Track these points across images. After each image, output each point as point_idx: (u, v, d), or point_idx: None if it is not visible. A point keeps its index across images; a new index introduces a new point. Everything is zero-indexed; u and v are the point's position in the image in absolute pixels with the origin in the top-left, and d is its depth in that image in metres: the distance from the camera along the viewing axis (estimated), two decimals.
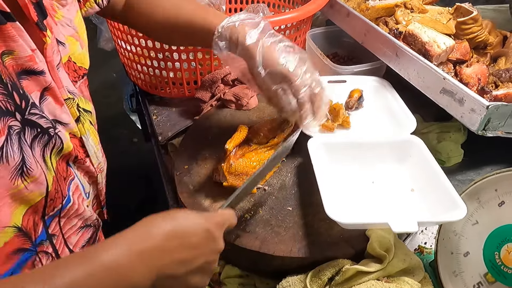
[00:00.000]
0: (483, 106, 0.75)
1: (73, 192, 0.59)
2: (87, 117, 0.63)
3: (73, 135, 0.58)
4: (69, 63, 0.60)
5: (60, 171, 0.55)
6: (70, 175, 0.58)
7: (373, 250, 0.64)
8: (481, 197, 0.62)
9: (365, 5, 1.08)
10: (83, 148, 0.61)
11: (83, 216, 0.62)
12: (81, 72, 0.63)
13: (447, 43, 0.91)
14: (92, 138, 0.63)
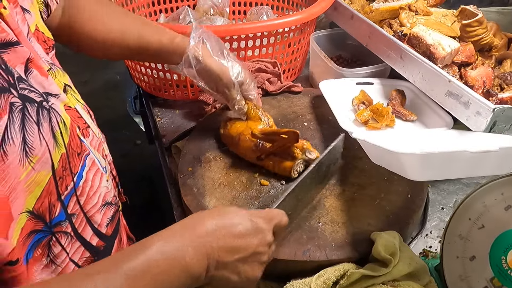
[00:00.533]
0: (489, 109, 0.74)
1: (89, 168, 0.57)
2: (70, 91, 0.59)
3: (68, 106, 0.55)
4: (38, 33, 0.57)
5: (74, 146, 0.53)
6: (85, 150, 0.56)
7: (378, 254, 0.64)
8: (487, 201, 0.61)
9: (369, 7, 1.08)
10: (81, 119, 0.59)
11: (101, 192, 0.60)
12: (50, 43, 0.60)
13: (452, 46, 0.90)
14: (82, 109, 0.60)
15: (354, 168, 0.82)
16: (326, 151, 0.72)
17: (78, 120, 0.57)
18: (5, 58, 0.46)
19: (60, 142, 0.50)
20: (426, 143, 0.76)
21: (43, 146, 0.47)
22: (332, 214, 0.73)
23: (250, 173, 0.82)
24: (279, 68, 1.05)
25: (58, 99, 0.53)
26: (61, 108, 0.53)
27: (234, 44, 0.99)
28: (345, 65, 1.16)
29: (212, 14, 1.23)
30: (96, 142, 0.61)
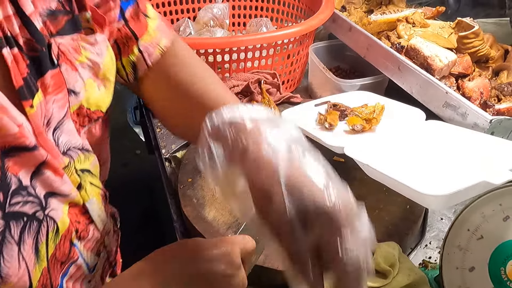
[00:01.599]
0: (486, 120, 0.75)
1: (70, 276, 0.49)
2: (88, 178, 0.50)
3: (73, 204, 0.48)
4: (81, 110, 0.49)
5: (59, 256, 0.46)
6: (73, 257, 0.49)
7: (378, 265, 0.64)
8: (486, 211, 0.62)
9: (367, 19, 1.09)
10: (85, 215, 0.50)
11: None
12: (95, 115, 0.51)
13: (449, 57, 0.91)
14: (96, 199, 0.52)
15: (353, 179, 0.82)
16: None
17: (80, 218, 0.49)
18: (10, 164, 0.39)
19: (43, 255, 0.43)
20: None
21: (22, 269, 0.40)
22: None
23: None
24: (278, 79, 1.06)
25: (64, 199, 0.46)
26: (63, 210, 0.46)
27: (233, 55, 1.00)
28: (344, 76, 1.17)
29: (212, 26, 1.24)
30: (94, 241, 0.52)
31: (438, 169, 0.72)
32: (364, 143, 0.80)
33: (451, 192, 0.60)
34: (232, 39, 1.03)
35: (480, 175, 0.61)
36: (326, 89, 1.07)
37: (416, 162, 0.75)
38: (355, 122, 0.86)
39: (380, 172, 0.68)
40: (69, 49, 0.46)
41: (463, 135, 0.77)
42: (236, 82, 1.02)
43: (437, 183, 0.66)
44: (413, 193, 0.65)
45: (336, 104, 0.94)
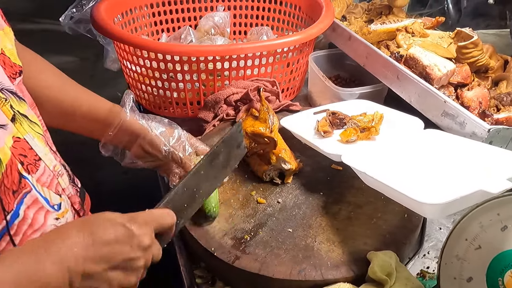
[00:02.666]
0: (485, 129, 0.75)
1: (28, 206, 0.53)
2: (25, 121, 0.56)
3: (17, 137, 0.53)
4: (4, 57, 0.56)
5: (7, 183, 0.50)
6: (24, 188, 0.52)
7: (374, 274, 0.63)
8: (483, 221, 0.61)
9: (367, 29, 1.10)
10: (31, 150, 0.55)
11: (45, 230, 0.55)
12: (17, 69, 0.58)
13: (448, 67, 0.91)
14: (37, 140, 0.57)
15: (350, 187, 0.82)
16: (217, 142, 0.68)
17: (27, 153, 0.54)
18: None
19: None
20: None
21: None
22: (328, 233, 0.72)
23: (247, 191, 0.82)
24: (277, 87, 1.06)
25: (5, 131, 0.50)
26: (6, 141, 0.50)
27: (233, 63, 1.00)
28: (343, 85, 1.17)
29: (213, 34, 1.25)
30: (48, 178, 0.58)
31: (436, 178, 0.72)
32: (362, 151, 0.80)
33: (447, 201, 0.60)
34: (232, 47, 1.03)
35: (477, 184, 0.60)
36: (326, 97, 1.08)
37: (414, 170, 0.74)
38: (349, 136, 0.86)
39: (377, 180, 0.68)
40: None
41: (461, 144, 0.77)
42: (236, 89, 1.03)
43: (434, 192, 0.66)
44: (410, 202, 0.65)
45: (335, 112, 0.94)
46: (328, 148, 0.81)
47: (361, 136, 0.86)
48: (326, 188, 0.82)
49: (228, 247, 0.70)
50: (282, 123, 0.93)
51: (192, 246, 0.76)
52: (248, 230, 0.73)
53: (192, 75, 1.00)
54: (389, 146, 0.82)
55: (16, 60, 0.59)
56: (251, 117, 0.95)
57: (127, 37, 0.99)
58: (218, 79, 1.03)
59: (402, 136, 0.84)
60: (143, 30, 1.25)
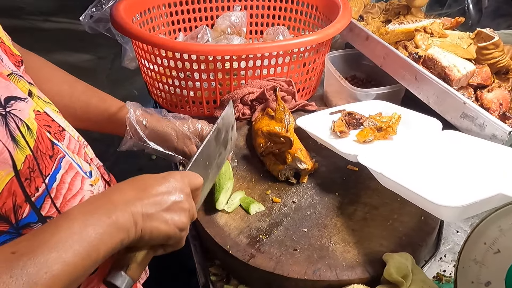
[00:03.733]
0: (505, 131, 0.73)
1: (66, 171, 0.56)
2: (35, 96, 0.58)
3: (37, 111, 0.55)
4: (4, 46, 0.58)
5: (42, 149, 0.53)
6: (58, 153, 0.55)
7: (390, 276, 0.63)
8: (503, 224, 0.60)
9: (385, 29, 1.09)
10: (54, 122, 0.58)
11: (84, 196, 0.58)
12: (18, 58, 0.61)
13: (468, 68, 0.90)
14: (56, 114, 0.60)
15: (366, 188, 0.82)
16: (220, 119, 0.74)
17: (51, 124, 0.57)
18: None
19: (23, 145, 0.49)
20: None
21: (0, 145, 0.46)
22: (344, 234, 0.72)
23: (262, 190, 0.82)
24: (293, 87, 1.06)
25: (27, 104, 0.53)
26: (30, 113, 0.53)
27: (250, 62, 1.01)
28: (360, 85, 1.16)
29: (229, 34, 1.26)
30: (76, 146, 0.61)
31: (454, 180, 0.71)
32: (378, 152, 0.79)
33: (466, 204, 0.59)
34: (249, 47, 1.04)
35: (497, 187, 0.59)
36: (342, 97, 1.07)
37: (431, 172, 0.73)
38: (366, 136, 0.85)
39: (393, 181, 0.68)
40: None
41: (480, 146, 0.76)
42: (252, 89, 1.03)
43: (452, 194, 0.65)
44: (427, 204, 0.64)
45: (351, 112, 0.93)
46: (344, 148, 0.81)
47: (378, 136, 0.86)
48: (341, 188, 0.82)
49: (244, 246, 0.70)
50: (298, 123, 0.93)
51: (207, 244, 0.76)
52: (263, 229, 0.73)
53: (208, 74, 1.01)
54: (406, 147, 0.81)
55: (15, 51, 0.61)
56: (267, 117, 0.96)
57: (145, 36, 1.00)
58: (234, 78, 1.03)
59: (419, 137, 0.83)
60: (161, 29, 1.27)
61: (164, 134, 0.78)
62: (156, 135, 0.78)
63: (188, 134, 0.79)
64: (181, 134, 0.79)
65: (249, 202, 0.78)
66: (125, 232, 0.49)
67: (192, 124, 0.80)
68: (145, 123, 0.77)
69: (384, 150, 0.81)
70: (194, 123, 0.81)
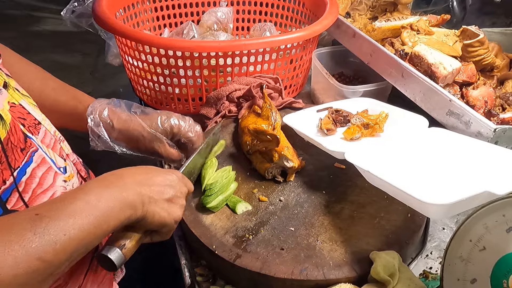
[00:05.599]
0: (490, 129, 0.74)
1: (37, 165, 0.56)
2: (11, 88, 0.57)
3: (12, 103, 0.55)
4: None
5: (14, 141, 0.53)
6: (31, 146, 0.55)
7: (377, 275, 0.63)
8: (488, 222, 0.60)
9: (371, 26, 1.09)
10: (29, 115, 0.58)
11: (56, 191, 0.58)
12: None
13: (454, 65, 0.90)
14: (32, 107, 0.59)
15: (354, 186, 0.81)
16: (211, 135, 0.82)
17: (26, 117, 0.57)
18: None
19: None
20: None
21: None
22: (331, 232, 0.72)
23: (248, 189, 0.81)
24: (280, 84, 1.05)
25: (1, 95, 0.53)
26: (4, 105, 0.53)
27: (236, 59, 0.99)
28: (347, 82, 1.16)
29: (215, 30, 1.24)
30: (51, 140, 0.61)
31: (440, 178, 0.71)
32: (365, 150, 0.79)
33: (452, 202, 0.59)
34: (235, 43, 1.02)
35: (483, 185, 0.59)
36: (329, 95, 1.07)
37: (418, 169, 0.73)
38: (353, 134, 0.85)
39: (380, 179, 0.67)
40: None
41: (466, 143, 0.76)
42: (238, 86, 1.02)
43: (438, 192, 0.65)
44: (414, 201, 0.64)
45: (338, 110, 0.93)
46: (331, 146, 0.80)
47: (365, 133, 0.85)
48: (328, 186, 0.81)
49: (230, 245, 0.69)
50: (285, 121, 0.92)
51: (193, 244, 0.75)
52: (249, 229, 0.72)
53: (194, 71, 1.00)
54: (393, 145, 0.81)
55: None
56: (253, 114, 0.95)
57: (129, 32, 0.98)
58: (220, 75, 1.02)
59: (406, 134, 0.83)
60: (145, 25, 1.24)
61: (131, 135, 0.75)
62: (124, 136, 0.75)
63: (155, 135, 0.75)
64: (148, 134, 0.75)
65: (236, 201, 0.76)
66: (133, 209, 0.53)
67: (162, 121, 0.77)
68: (112, 124, 0.74)
69: (371, 148, 0.81)
70: (164, 120, 0.77)
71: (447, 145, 0.78)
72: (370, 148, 0.80)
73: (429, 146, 0.79)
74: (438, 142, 0.79)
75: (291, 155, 0.82)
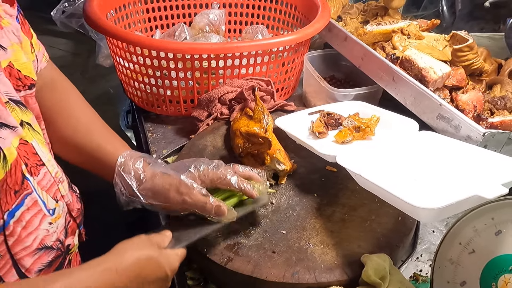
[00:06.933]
0: (479, 133, 0.75)
1: (28, 208, 0.54)
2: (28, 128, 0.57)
3: (24, 140, 0.54)
4: (11, 70, 0.56)
5: (10, 183, 0.51)
6: (26, 189, 0.54)
7: (368, 278, 0.63)
8: (478, 225, 0.61)
9: (363, 29, 1.09)
10: (36, 156, 0.57)
11: (38, 235, 0.56)
12: (28, 82, 0.59)
13: (443, 70, 0.91)
14: (41, 146, 0.58)
15: (345, 189, 0.81)
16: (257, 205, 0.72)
17: (30, 156, 0.55)
18: None
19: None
20: None
21: None
22: (322, 236, 0.72)
23: None
24: (272, 87, 1.05)
25: (14, 132, 0.52)
26: (12, 142, 0.51)
27: (228, 61, 0.99)
28: (338, 85, 1.16)
29: (207, 32, 1.24)
30: (48, 182, 0.59)
31: (430, 181, 0.71)
32: (356, 153, 0.79)
33: (442, 206, 0.59)
34: (227, 45, 1.02)
35: (473, 189, 0.60)
36: (321, 98, 1.07)
37: (409, 173, 0.74)
38: (345, 137, 0.85)
39: (372, 182, 0.68)
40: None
41: (456, 147, 0.77)
42: (230, 88, 1.01)
43: (429, 196, 0.65)
44: (404, 205, 0.64)
45: (330, 113, 0.93)
46: (322, 149, 0.80)
47: (357, 136, 0.86)
48: (320, 189, 0.81)
49: (221, 249, 0.69)
50: (277, 123, 0.92)
51: None
52: (241, 232, 0.72)
53: (186, 73, 0.99)
54: (384, 148, 0.81)
55: (30, 74, 0.60)
56: (245, 117, 0.94)
57: (120, 33, 0.97)
58: (212, 77, 1.02)
59: (397, 138, 0.84)
60: (137, 26, 1.23)
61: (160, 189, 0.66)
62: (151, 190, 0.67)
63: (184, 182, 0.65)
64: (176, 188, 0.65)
65: None
66: None
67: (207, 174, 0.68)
68: (143, 175, 0.67)
69: (363, 151, 0.81)
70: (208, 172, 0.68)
71: (437, 148, 0.79)
72: (361, 152, 0.81)
73: (419, 150, 0.80)
74: (429, 145, 0.80)
75: (283, 158, 0.82)
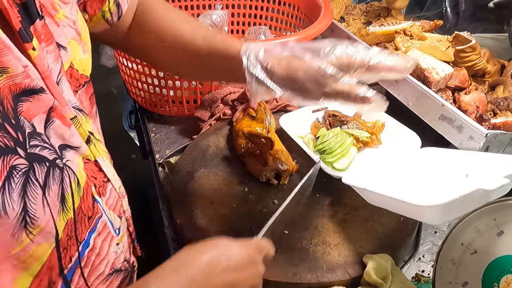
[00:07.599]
0: (482, 134, 0.75)
1: (99, 233, 0.49)
2: (93, 140, 0.51)
3: (86, 159, 0.48)
4: (72, 71, 0.50)
5: (84, 209, 0.46)
6: (97, 213, 0.49)
7: (370, 278, 0.63)
8: (480, 226, 0.61)
9: (365, 30, 1.10)
10: (101, 172, 0.51)
11: (109, 260, 0.52)
12: (83, 80, 0.53)
13: (446, 70, 0.91)
14: (105, 160, 0.53)
15: (347, 189, 0.81)
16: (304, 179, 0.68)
17: (96, 175, 0.50)
18: (23, 108, 0.39)
19: (69, 206, 0.43)
20: None
21: (47, 214, 0.40)
22: (324, 236, 0.72)
23: (243, 192, 0.81)
24: None
25: (77, 152, 0.46)
26: (79, 163, 0.46)
27: None
28: None
29: None
30: (114, 200, 0.54)
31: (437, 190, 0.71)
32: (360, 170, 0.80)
33: (446, 201, 0.59)
34: None
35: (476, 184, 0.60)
36: None
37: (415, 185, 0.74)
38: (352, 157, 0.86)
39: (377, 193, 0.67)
40: (46, 3, 0.47)
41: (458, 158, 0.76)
42: (233, 89, 1.02)
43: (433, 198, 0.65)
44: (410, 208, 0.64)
45: (335, 114, 0.93)
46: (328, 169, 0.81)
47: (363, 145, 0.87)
48: (322, 190, 0.82)
49: None
50: (280, 124, 0.92)
51: None
52: (242, 231, 0.72)
53: None
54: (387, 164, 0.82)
55: (85, 71, 0.53)
56: (248, 117, 0.95)
57: None
58: None
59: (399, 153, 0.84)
60: None
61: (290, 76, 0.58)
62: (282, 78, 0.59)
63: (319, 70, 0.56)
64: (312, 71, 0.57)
65: None
66: None
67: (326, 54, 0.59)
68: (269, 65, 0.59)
69: (366, 168, 0.82)
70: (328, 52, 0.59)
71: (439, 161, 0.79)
72: (365, 168, 0.81)
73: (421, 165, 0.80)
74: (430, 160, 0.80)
75: (286, 158, 0.83)
